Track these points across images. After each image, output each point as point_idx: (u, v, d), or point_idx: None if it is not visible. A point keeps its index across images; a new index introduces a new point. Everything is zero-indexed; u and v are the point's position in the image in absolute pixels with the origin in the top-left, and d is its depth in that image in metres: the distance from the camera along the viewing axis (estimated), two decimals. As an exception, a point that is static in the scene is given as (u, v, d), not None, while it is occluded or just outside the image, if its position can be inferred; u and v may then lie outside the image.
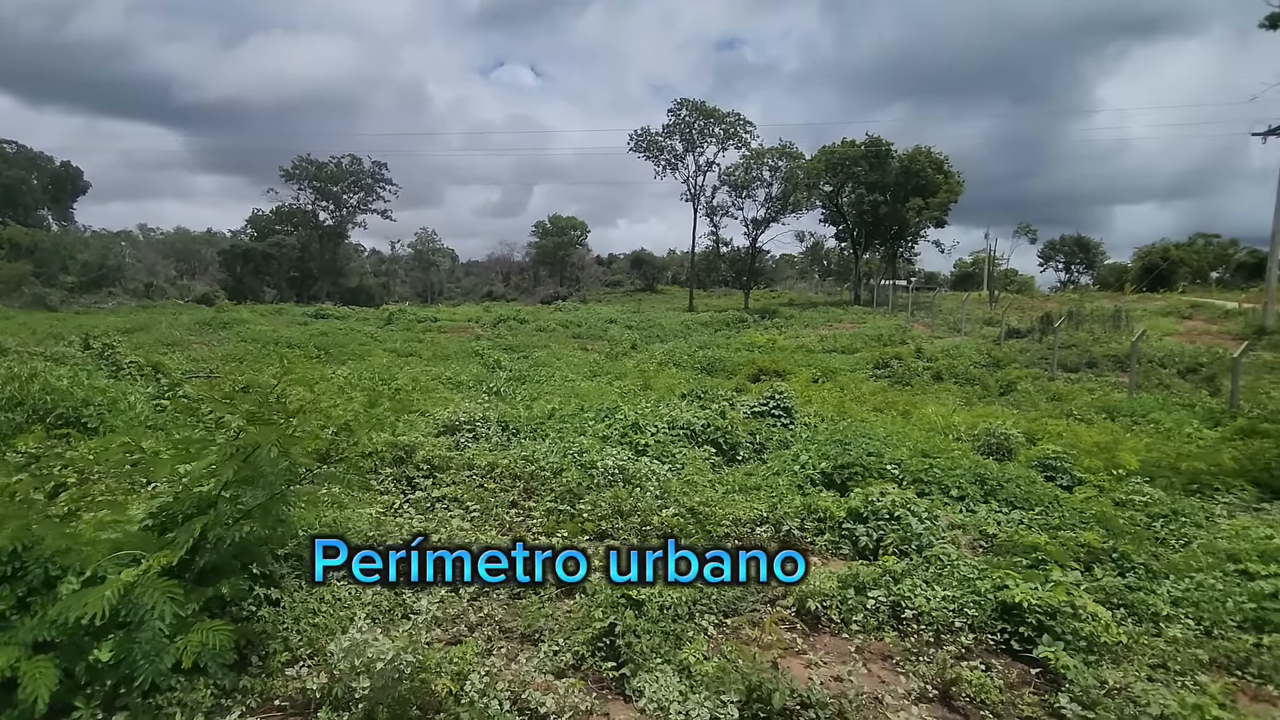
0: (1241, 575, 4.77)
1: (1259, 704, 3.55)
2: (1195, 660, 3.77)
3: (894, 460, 7.17)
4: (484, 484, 6.08)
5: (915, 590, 4.29)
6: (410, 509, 5.40)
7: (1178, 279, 56.74)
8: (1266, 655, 3.84)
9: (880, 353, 23.44)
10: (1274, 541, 5.56)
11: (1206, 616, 4.21)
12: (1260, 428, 11.54)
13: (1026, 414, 13.34)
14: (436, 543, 4.56)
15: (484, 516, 5.35)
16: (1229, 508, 7.04)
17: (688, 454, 7.35)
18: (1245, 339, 24.16)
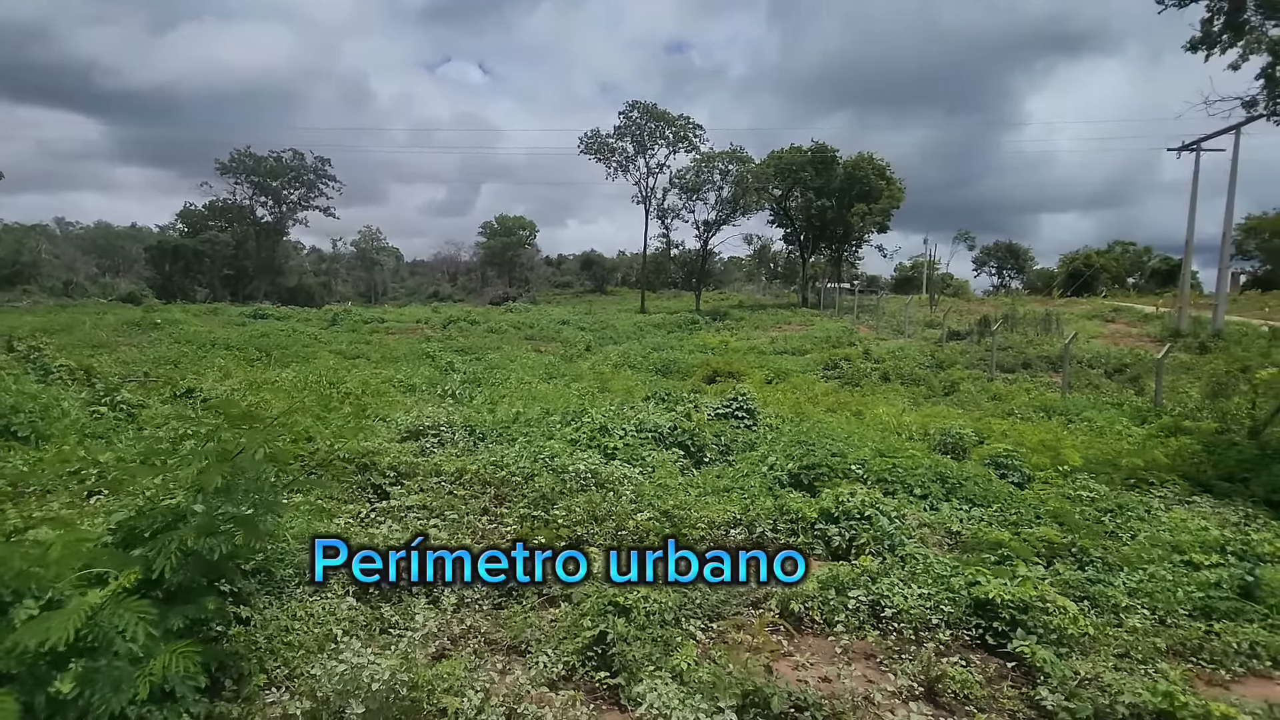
0: (1187, 566, 5.06)
1: (1213, 688, 3.77)
2: (1154, 649, 3.98)
3: (857, 460, 7.34)
4: (453, 491, 5.93)
5: (893, 589, 4.39)
6: (380, 518, 5.21)
7: (1099, 284, 60.17)
8: (1217, 641, 4.08)
9: (830, 354, 24.01)
10: (1210, 533, 5.94)
11: (1160, 606, 4.46)
12: (1183, 425, 12.32)
13: (971, 413, 13.88)
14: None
15: (457, 524, 5.20)
16: (1165, 501, 7.47)
17: (657, 457, 7.34)
18: (1163, 341, 25.79)
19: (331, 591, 4.10)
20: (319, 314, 34.36)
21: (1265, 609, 4.41)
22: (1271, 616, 4.33)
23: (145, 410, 8.08)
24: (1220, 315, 28.18)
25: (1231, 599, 4.49)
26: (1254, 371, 16.11)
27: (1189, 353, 23.52)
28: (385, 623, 3.85)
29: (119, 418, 7.50)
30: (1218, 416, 13.29)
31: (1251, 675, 3.91)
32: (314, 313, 35.83)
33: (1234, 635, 4.11)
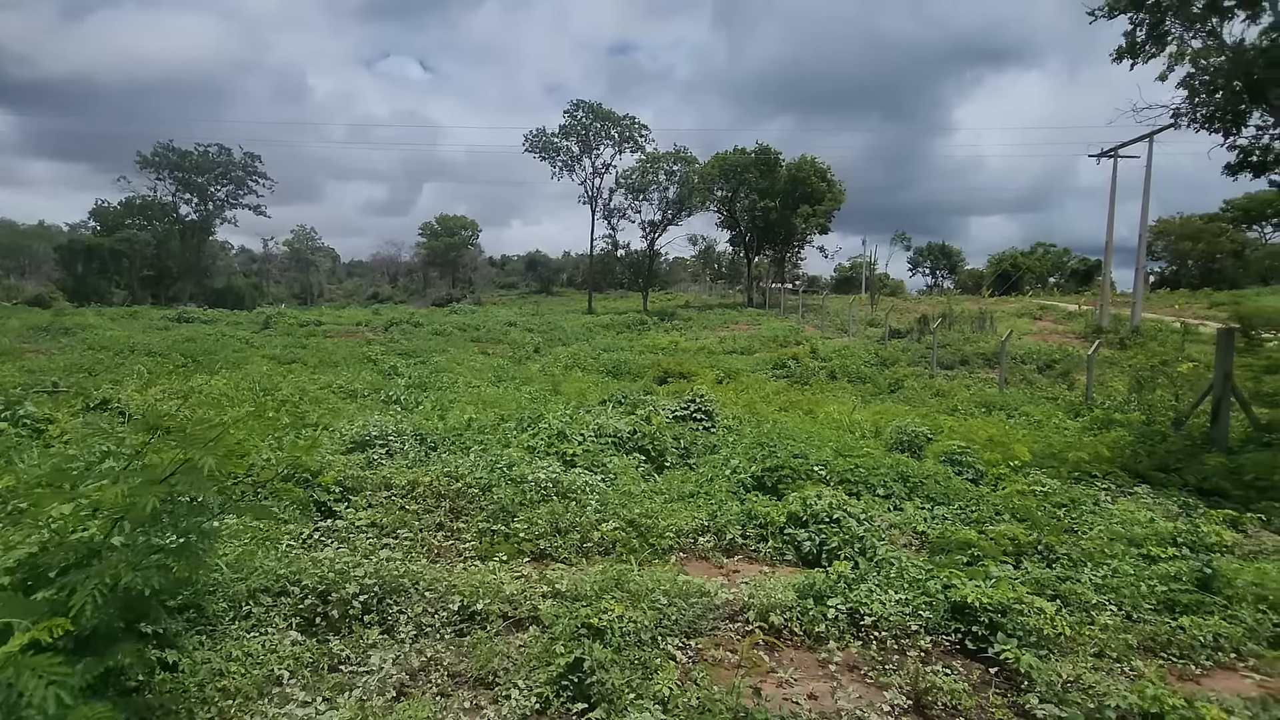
0: (1146, 559, 5.16)
1: (1184, 682, 3.80)
2: (1127, 645, 4.00)
3: (819, 461, 7.29)
4: (405, 506, 5.55)
5: (871, 596, 4.29)
6: (326, 540, 4.80)
7: (1025, 283, 63.21)
8: (1183, 635, 4.14)
9: (778, 353, 24.27)
10: (1159, 525, 6.11)
11: (1126, 601, 4.50)
12: (1113, 418, 12.88)
13: (918, 410, 14.17)
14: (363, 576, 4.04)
15: (412, 544, 4.84)
16: (1110, 493, 7.70)
17: (618, 463, 7.11)
18: (1086, 338, 27.15)
19: (271, 625, 3.71)
20: (250, 317, 32.67)
21: (1224, 600, 4.50)
22: (1230, 607, 4.42)
23: (54, 425, 7.33)
24: (1138, 313, 29.86)
25: (1192, 591, 4.58)
26: (1173, 366, 17.07)
27: (1111, 348, 24.78)
28: (335, 659, 3.49)
29: (22, 434, 6.77)
30: (1144, 409, 13.94)
31: (1219, 668, 3.97)
32: (245, 315, 34.05)
33: (1198, 628, 4.17)
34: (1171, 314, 33.14)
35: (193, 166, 56.11)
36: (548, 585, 4.32)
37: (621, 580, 4.27)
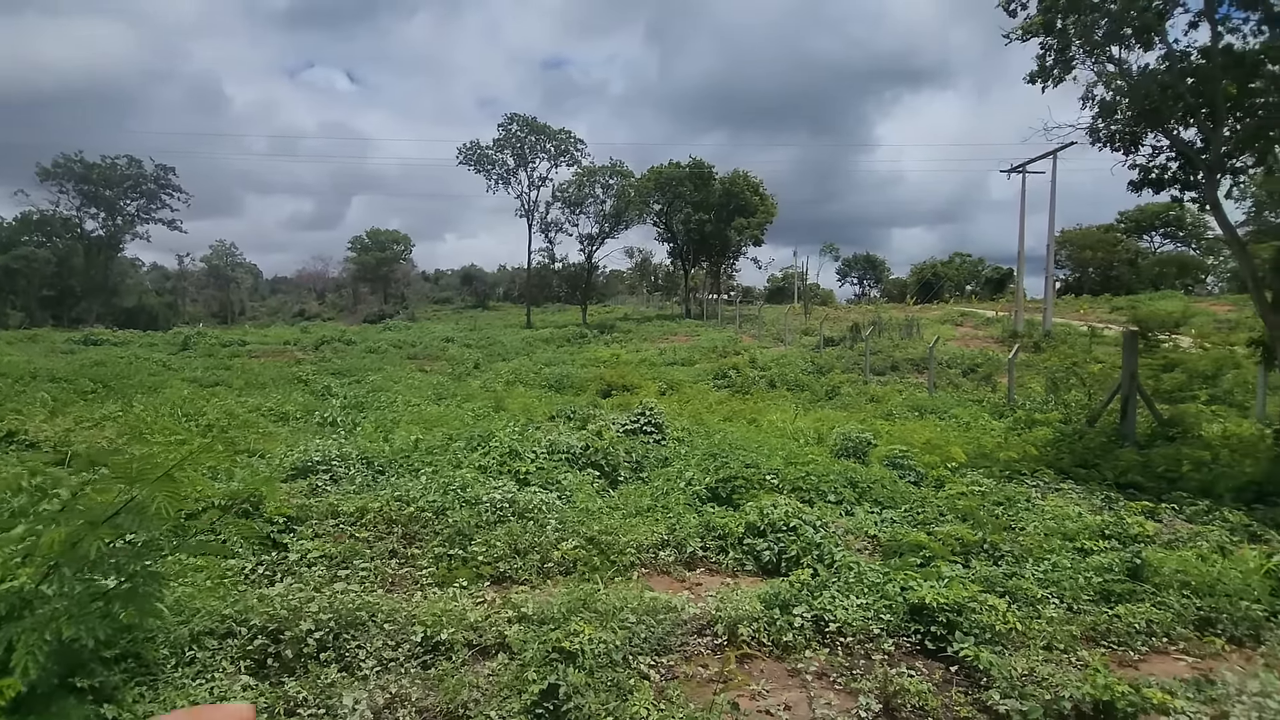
0: (1080, 553, 5.47)
1: (1125, 669, 4.04)
2: (1072, 637, 4.22)
3: (771, 470, 7.41)
4: (355, 534, 5.32)
5: (834, 602, 4.38)
6: (273, 573, 4.54)
7: (945, 291, 66.51)
8: (1120, 623, 4.40)
9: (718, 364, 24.64)
10: (1087, 519, 6.50)
11: (1068, 594, 4.76)
12: (1034, 418, 13.66)
13: (855, 415, 14.65)
14: (318, 611, 3.84)
15: (367, 574, 4.64)
16: (1039, 490, 8.15)
17: (573, 479, 7.04)
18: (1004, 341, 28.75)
19: (219, 670, 3.48)
20: (166, 337, 30.76)
21: (1152, 588, 4.82)
22: (1159, 594, 4.74)
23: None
24: (1049, 317, 31.84)
25: (1124, 581, 4.88)
26: (1083, 367, 18.25)
27: (1027, 352, 26.31)
28: (291, 702, 3.30)
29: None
30: (1060, 408, 14.84)
31: (1154, 653, 4.24)
32: (160, 336, 32.03)
33: (1133, 616, 4.44)
34: (1077, 318, 35.53)
35: (100, 179, 52.60)
36: (512, 609, 4.22)
37: (589, 600, 4.22)
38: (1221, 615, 4.51)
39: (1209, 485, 8.15)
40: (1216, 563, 5.22)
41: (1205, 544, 5.80)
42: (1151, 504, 7.38)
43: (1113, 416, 11.71)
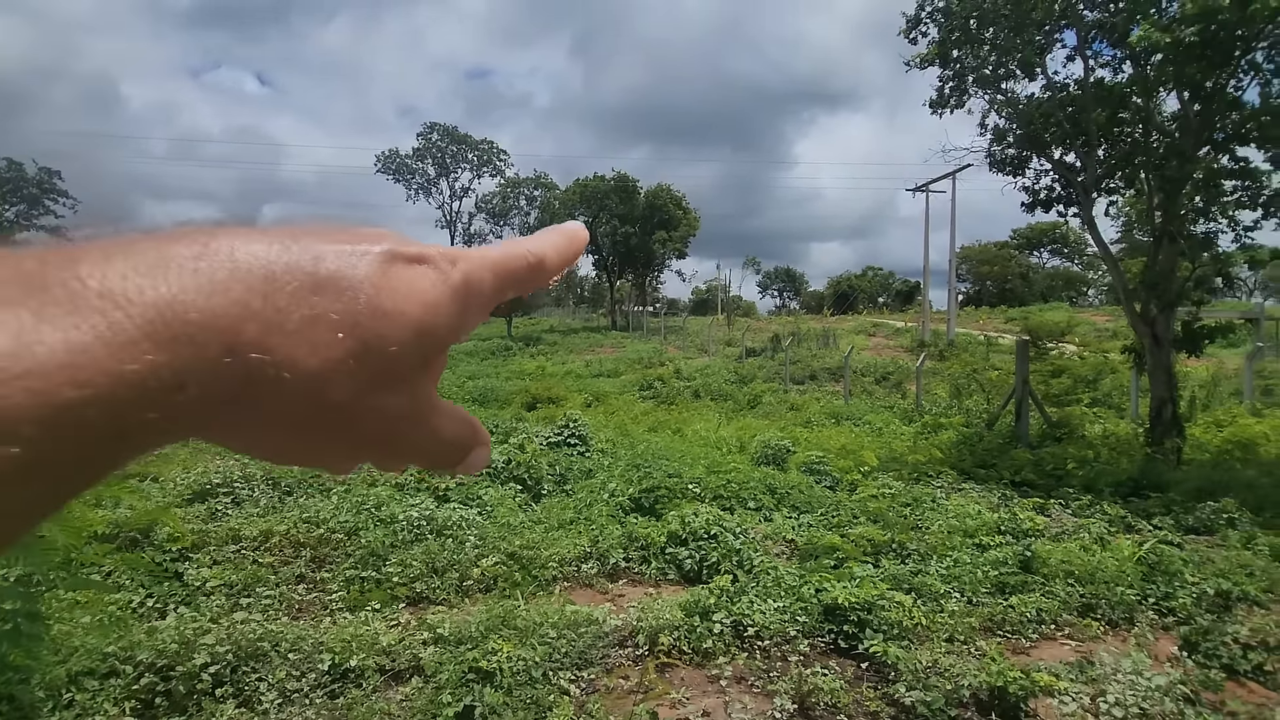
0: (979, 548, 5.82)
1: (1018, 656, 4.32)
2: (971, 628, 4.48)
3: (693, 479, 7.52)
4: (259, 560, 5.02)
5: (752, 607, 4.47)
6: (165, 604, 4.22)
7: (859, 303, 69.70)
8: (1014, 613, 4.71)
9: (644, 375, 24.83)
10: (985, 516, 6.92)
11: (968, 588, 5.04)
12: (940, 422, 14.47)
13: (776, 423, 15.09)
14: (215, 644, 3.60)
15: (271, 600, 4.39)
16: (944, 490, 8.62)
17: (494, 494, 6.91)
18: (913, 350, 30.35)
19: (100, 713, 3.20)
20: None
21: (1041, 578, 5.18)
22: (1047, 584, 5.10)
23: None
24: (952, 328, 33.85)
25: (1016, 573, 5.23)
26: (982, 373, 19.51)
27: (932, 360, 27.84)
28: (184, 742, 3.07)
29: None
30: (963, 413, 15.79)
31: (1043, 639, 4.55)
32: (35, 352, 29.28)
33: (1025, 606, 4.76)
34: (977, 328, 37.96)
35: (-33, 180, 47.92)
36: (428, 631, 4.09)
37: (508, 617, 4.15)
38: (1100, 601, 4.90)
39: (1091, 481, 8.85)
40: (1096, 553, 5.67)
41: (1087, 535, 6.28)
42: (1042, 500, 7.94)
43: (1008, 419, 12.56)
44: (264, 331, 0.24)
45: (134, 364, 0.22)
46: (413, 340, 0.28)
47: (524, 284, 0.34)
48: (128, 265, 0.23)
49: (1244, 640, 4.19)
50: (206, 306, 0.23)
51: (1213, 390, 16.23)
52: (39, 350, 0.20)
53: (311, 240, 0.27)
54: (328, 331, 0.26)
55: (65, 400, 0.20)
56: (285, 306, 0.25)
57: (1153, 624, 4.71)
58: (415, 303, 0.28)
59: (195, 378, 0.23)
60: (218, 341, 0.23)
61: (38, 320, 0.21)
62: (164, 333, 0.22)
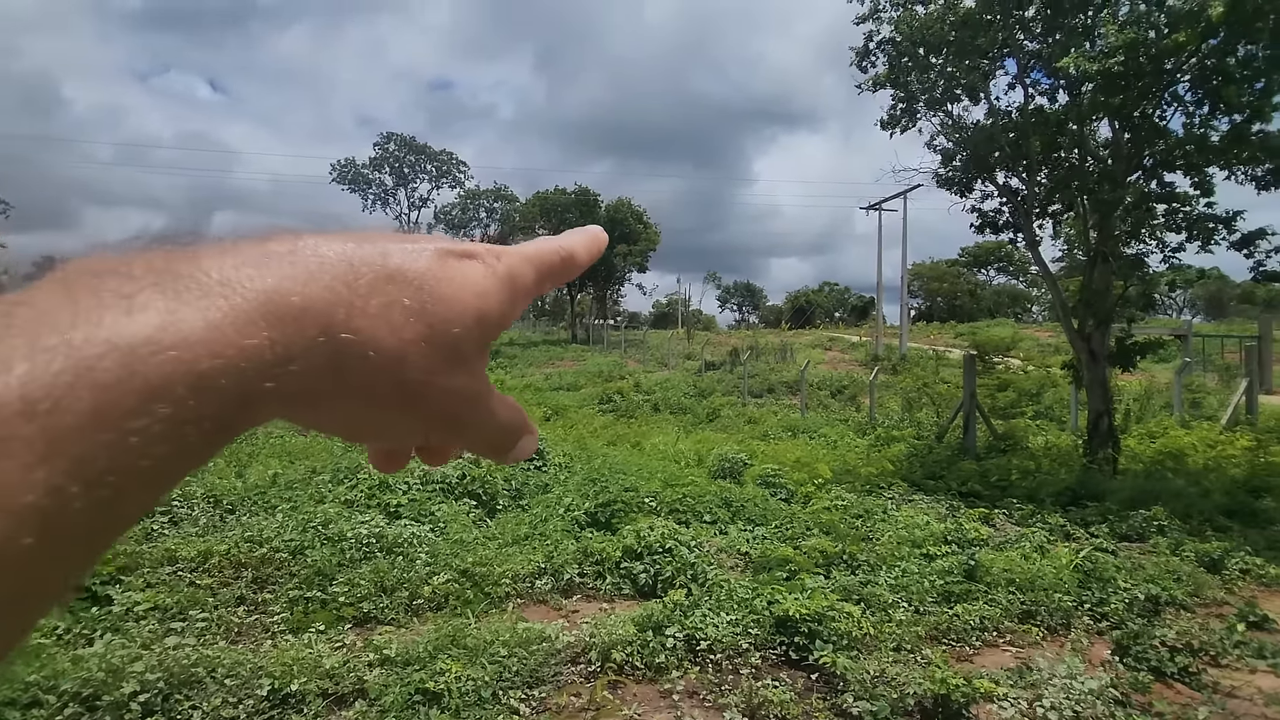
0: (926, 558, 5.96)
1: (962, 663, 4.43)
2: (918, 637, 4.58)
3: (649, 493, 7.53)
4: (195, 581, 4.82)
5: (705, 620, 4.49)
6: (91, 632, 4.02)
7: (816, 318, 71.13)
8: (959, 621, 4.83)
9: (603, 388, 24.78)
10: (933, 527, 7.10)
11: (915, 597, 5.16)
12: (892, 435, 14.82)
13: (734, 436, 15.22)
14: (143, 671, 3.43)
15: (207, 624, 4.22)
16: (895, 501, 8.82)
17: (448, 510, 6.79)
18: (867, 365, 31.04)
19: (16, 748, 3.02)
20: (-32, 365, 26.64)
21: (984, 586, 5.34)
22: (990, 592, 5.25)
23: None
24: (904, 342, 34.77)
25: (961, 582, 5.37)
26: (932, 387, 20.07)
27: (885, 374, 28.51)
28: (108, 776, 2.92)
29: None
30: (914, 425, 16.21)
31: (986, 646, 4.68)
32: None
33: (969, 614, 4.89)
34: (928, 343, 39.06)
35: (-118, 180, 45.21)
36: (374, 652, 3.98)
37: (457, 636, 4.07)
38: (1040, 608, 5.07)
39: (1033, 491, 9.17)
40: (1036, 561, 5.87)
41: (1028, 544, 6.50)
42: (987, 510, 8.19)
43: (957, 431, 12.95)
44: (350, 315, 0.28)
45: (253, 339, 0.26)
46: (473, 323, 0.32)
47: (559, 276, 0.39)
48: (239, 259, 0.27)
49: (1170, 643, 4.38)
50: (304, 292, 0.27)
51: (1146, 403, 17.02)
52: (183, 327, 0.24)
53: (378, 239, 0.31)
54: (401, 315, 0.29)
55: (205, 369, 0.24)
56: (365, 294, 0.29)
57: (1088, 629, 4.89)
58: (470, 291, 0.32)
59: (299, 352, 0.27)
60: (315, 323, 0.27)
61: (178, 304, 0.25)
62: (273, 314, 0.26)
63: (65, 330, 0.23)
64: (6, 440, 0.21)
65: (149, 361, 0.23)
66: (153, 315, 0.24)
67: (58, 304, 0.24)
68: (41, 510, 0.21)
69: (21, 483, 0.21)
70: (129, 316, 0.24)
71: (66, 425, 0.22)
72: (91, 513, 0.23)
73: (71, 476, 0.22)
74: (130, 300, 0.24)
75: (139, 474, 0.23)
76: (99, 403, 0.22)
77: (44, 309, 0.24)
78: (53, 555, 0.22)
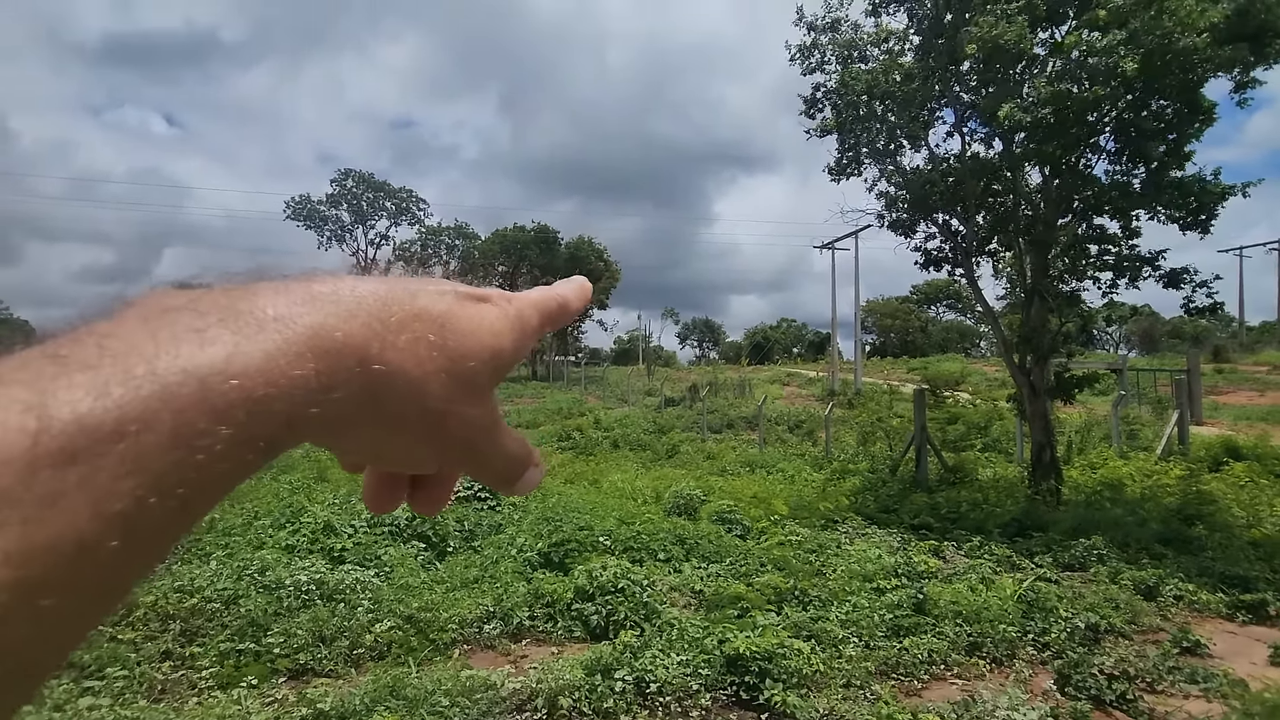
0: (876, 592, 6.01)
1: (910, 698, 4.45)
2: (867, 673, 4.59)
3: (603, 531, 7.45)
4: (117, 635, 4.55)
5: (655, 661, 4.42)
6: None
7: (774, 353, 72.30)
8: (907, 655, 4.86)
9: (563, 425, 24.58)
10: (885, 560, 7.17)
11: (865, 632, 5.18)
12: (848, 468, 15.01)
13: (693, 472, 15.21)
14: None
15: (127, 681, 3.97)
16: (849, 535, 8.90)
17: (395, 553, 6.58)
18: (823, 399, 31.55)
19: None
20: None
21: (933, 619, 5.39)
22: (938, 625, 5.31)
23: None
24: (859, 377, 35.51)
25: (910, 615, 5.42)
26: (886, 421, 20.47)
27: (841, 408, 28.98)
28: None
29: None
30: (868, 459, 16.45)
31: (934, 680, 4.71)
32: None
33: (917, 648, 4.93)
34: (882, 377, 39.99)
35: None
36: (308, 706, 3.80)
37: (397, 687, 3.92)
38: (985, 639, 5.14)
39: (981, 523, 9.37)
40: (982, 593, 5.97)
41: (975, 576, 6.61)
42: (937, 542, 8.32)
43: (910, 465, 13.20)
44: (383, 348, 0.31)
45: (301, 370, 0.29)
46: (488, 358, 0.35)
47: (557, 320, 0.43)
48: (290, 299, 0.31)
49: (1109, 671, 4.48)
50: (345, 329, 0.31)
51: (1086, 435, 17.65)
52: (245, 359, 0.28)
53: (406, 282, 0.35)
54: (426, 349, 0.33)
55: (262, 395, 0.27)
56: (396, 330, 0.32)
57: (1031, 659, 4.97)
58: (486, 330, 0.36)
59: (340, 382, 0.30)
60: (353, 355, 0.30)
61: (238, 337, 0.28)
62: (319, 347, 0.30)
63: (150, 360, 0.26)
64: (102, 456, 0.24)
65: (217, 389, 0.27)
66: (220, 348, 0.27)
67: (142, 337, 0.27)
68: (126, 517, 0.24)
69: (113, 493, 0.24)
70: (201, 349, 0.27)
71: (150, 444, 0.25)
72: (163, 520, 0.26)
73: (151, 488, 0.25)
74: (201, 334, 0.28)
75: (202, 486, 0.27)
76: (177, 424, 0.26)
77: (131, 341, 0.27)
78: (130, 556, 0.25)
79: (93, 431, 0.24)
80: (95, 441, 0.24)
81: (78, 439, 0.24)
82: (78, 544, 0.24)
